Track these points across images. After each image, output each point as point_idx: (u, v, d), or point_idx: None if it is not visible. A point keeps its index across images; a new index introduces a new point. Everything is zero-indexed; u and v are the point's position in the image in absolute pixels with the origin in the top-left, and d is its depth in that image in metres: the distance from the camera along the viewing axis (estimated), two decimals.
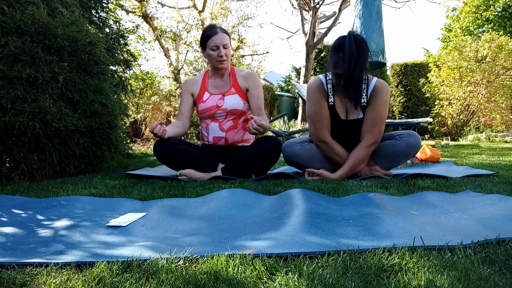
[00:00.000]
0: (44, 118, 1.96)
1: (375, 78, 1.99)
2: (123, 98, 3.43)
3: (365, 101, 1.96)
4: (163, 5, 9.10)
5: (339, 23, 9.41)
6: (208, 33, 2.16)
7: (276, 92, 9.35)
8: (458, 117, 7.51)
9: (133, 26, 6.24)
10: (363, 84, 1.95)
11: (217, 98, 2.23)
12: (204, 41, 2.19)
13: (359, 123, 1.98)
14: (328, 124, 1.99)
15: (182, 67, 8.23)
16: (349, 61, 1.81)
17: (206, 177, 2.01)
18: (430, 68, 8.16)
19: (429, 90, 8.06)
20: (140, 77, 6.91)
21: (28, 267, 0.78)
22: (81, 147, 2.20)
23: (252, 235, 0.99)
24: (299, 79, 11.01)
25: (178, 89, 7.58)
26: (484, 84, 7.21)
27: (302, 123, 8.33)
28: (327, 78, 2.01)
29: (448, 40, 17.20)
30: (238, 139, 2.25)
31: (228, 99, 2.22)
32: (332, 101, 1.98)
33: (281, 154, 2.09)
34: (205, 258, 0.79)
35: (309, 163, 2.01)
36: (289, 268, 0.74)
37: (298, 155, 2.02)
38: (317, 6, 8.76)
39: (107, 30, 3.10)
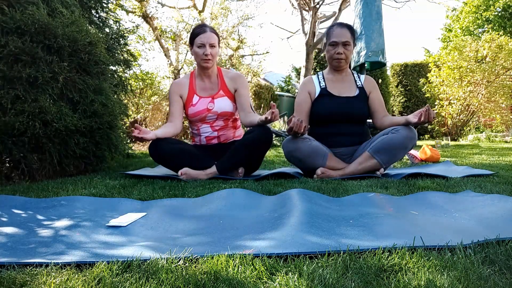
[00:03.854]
0: (44, 118, 1.96)
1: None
2: (123, 98, 3.43)
3: (361, 84, 2.26)
4: (163, 5, 9.12)
5: None
6: (197, 31, 2.18)
7: (276, 92, 9.32)
8: (458, 117, 7.51)
9: (133, 26, 6.24)
10: (354, 73, 2.32)
11: (207, 101, 2.25)
12: (192, 39, 2.22)
13: (351, 100, 2.19)
14: (304, 112, 2.23)
15: (182, 67, 8.23)
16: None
17: (203, 173, 2.03)
18: (430, 68, 8.16)
19: (429, 90, 8.06)
20: (140, 77, 6.91)
21: (28, 267, 0.78)
22: (81, 147, 2.20)
23: (252, 235, 0.99)
24: (299, 79, 11.01)
25: None
26: (484, 84, 7.21)
27: None
28: (318, 74, 2.31)
29: (448, 40, 17.20)
30: (230, 136, 2.30)
31: (218, 101, 2.24)
32: (324, 84, 2.24)
33: (282, 151, 2.10)
34: (205, 258, 0.79)
35: (309, 159, 2.03)
36: (289, 268, 0.74)
37: (299, 150, 2.02)
38: (317, 6, 8.74)
39: (107, 30, 3.10)
